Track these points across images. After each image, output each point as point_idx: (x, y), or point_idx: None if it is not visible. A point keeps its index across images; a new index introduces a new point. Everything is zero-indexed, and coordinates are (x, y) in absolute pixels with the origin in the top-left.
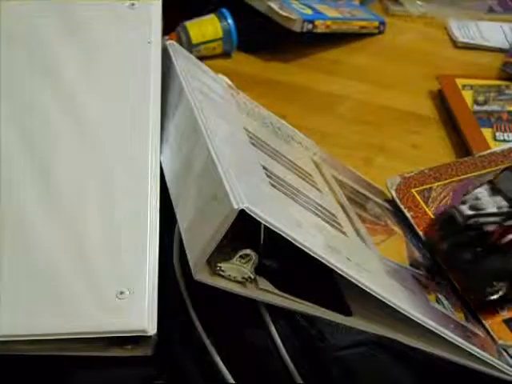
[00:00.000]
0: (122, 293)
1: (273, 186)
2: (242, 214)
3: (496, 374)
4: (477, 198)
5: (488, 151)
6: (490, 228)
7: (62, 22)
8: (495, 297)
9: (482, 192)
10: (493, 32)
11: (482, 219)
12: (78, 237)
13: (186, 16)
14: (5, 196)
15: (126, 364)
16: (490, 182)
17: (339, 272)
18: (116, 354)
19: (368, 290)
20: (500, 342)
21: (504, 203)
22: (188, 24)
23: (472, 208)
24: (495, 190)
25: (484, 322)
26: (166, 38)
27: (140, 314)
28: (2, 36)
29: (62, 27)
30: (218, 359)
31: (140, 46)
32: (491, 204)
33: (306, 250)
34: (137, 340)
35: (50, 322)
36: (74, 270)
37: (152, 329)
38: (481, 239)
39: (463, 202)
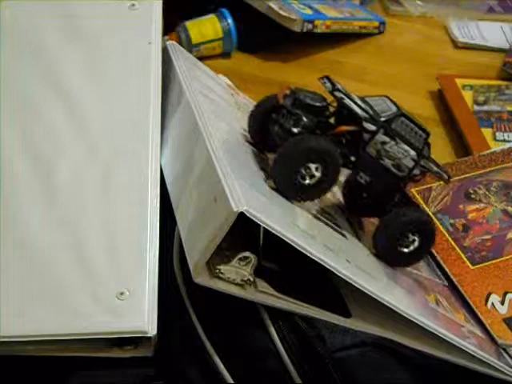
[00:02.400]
0: (122, 293)
1: (272, 187)
2: (242, 216)
3: (495, 374)
4: (348, 91)
5: (488, 151)
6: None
7: (62, 23)
8: (307, 181)
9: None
10: (493, 32)
11: (347, 101)
12: (78, 238)
13: (186, 16)
14: (5, 197)
15: (126, 365)
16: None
17: (338, 274)
18: (116, 355)
19: (366, 292)
20: (500, 341)
21: (371, 112)
22: (188, 24)
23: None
24: (365, 101)
25: (484, 321)
26: (166, 38)
27: (140, 314)
28: (2, 36)
29: (63, 27)
30: (217, 360)
31: (140, 47)
32: (360, 101)
33: (304, 252)
34: (137, 341)
35: (49, 322)
36: (74, 271)
37: (152, 330)
38: (323, 124)
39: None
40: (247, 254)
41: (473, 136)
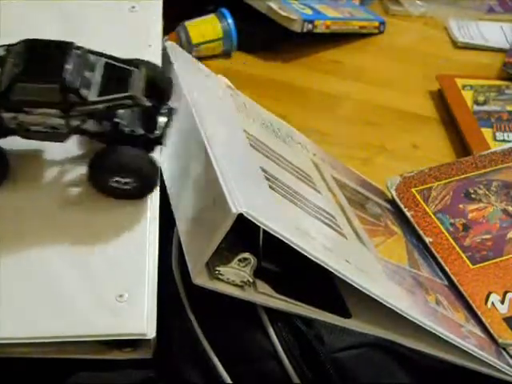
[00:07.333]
0: (121, 296)
1: (272, 188)
2: (241, 217)
3: (495, 374)
4: None
5: (488, 151)
6: None
7: (62, 24)
8: None
9: None
10: (493, 32)
11: None
12: (77, 239)
13: (186, 16)
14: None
15: (125, 367)
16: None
17: (338, 275)
18: (115, 357)
19: (367, 292)
20: (500, 340)
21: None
22: (188, 24)
23: None
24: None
25: (484, 320)
26: (166, 38)
27: (139, 317)
28: (2, 36)
29: (62, 29)
30: (216, 361)
31: (140, 49)
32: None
33: (304, 253)
34: (136, 343)
35: (49, 324)
36: (74, 273)
37: (151, 332)
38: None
39: None
40: (247, 255)
41: (473, 136)
